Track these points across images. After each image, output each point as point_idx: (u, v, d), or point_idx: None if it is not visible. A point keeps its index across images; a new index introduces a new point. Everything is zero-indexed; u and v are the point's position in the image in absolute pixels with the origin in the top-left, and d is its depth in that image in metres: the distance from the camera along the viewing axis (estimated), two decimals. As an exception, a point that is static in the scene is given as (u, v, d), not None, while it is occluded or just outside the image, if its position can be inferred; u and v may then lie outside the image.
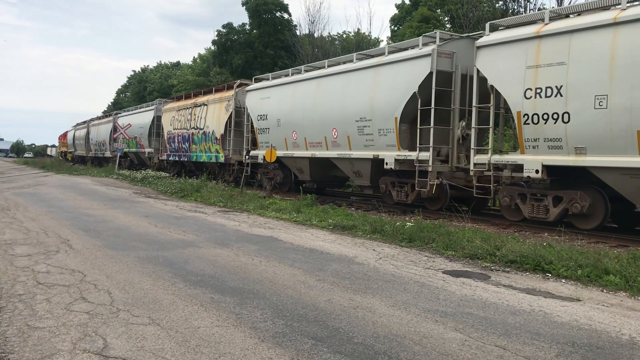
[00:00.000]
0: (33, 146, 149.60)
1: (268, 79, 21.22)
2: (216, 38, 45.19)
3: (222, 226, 11.61)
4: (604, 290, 6.65)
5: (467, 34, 15.67)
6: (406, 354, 4.28)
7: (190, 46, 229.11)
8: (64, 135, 69.00)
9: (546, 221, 11.45)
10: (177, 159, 28.41)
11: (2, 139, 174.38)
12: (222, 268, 7.28)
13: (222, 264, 7.53)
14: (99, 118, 49.52)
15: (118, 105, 76.32)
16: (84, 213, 13.03)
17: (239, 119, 22.70)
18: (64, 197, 17.36)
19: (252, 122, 21.44)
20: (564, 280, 7.12)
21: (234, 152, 22.99)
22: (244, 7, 43.43)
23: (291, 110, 18.64)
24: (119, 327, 4.72)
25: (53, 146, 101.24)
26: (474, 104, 12.67)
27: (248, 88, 22.04)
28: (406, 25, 35.99)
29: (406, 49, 14.77)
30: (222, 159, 23.66)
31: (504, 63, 11.81)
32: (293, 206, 14.54)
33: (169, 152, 29.55)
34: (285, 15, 44.21)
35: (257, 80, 22.31)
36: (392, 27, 43.01)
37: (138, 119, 35.38)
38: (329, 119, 16.66)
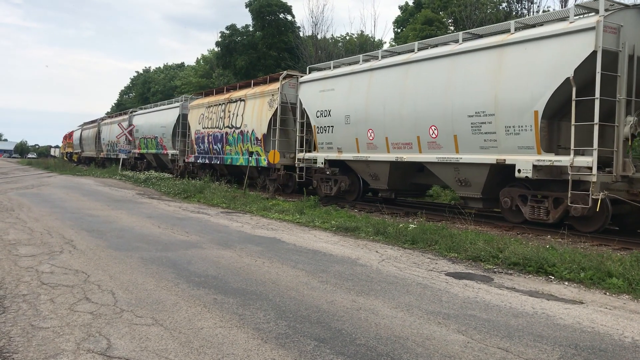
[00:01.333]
0: (36, 147, 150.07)
1: (329, 68, 17.98)
2: (219, 39, 45.28)
3: (225, 227, 11.63)
4: (607, 293, 6.64)
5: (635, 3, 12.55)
6: (409, 355, 4.29)
7: (195, 47, 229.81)
8: (69, 135, 67.06)
9: None
10: (206, 161, 25.44)
11: (5, 140, 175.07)
12: (225, 269, 7.30)
13: (225, 265, 7.55)
14: (111, 116, 46.71)
15: (121, 107, 76.51)
16: (87, 214, 13.06)
17: (285, 116, 19.92)
18: (68, 197, 17.40)
19: (307, 119, 18.48)
20: (566, 283, 7.12)
21: (285, 155, 19.95)
22: (248, 8, 43.52)
23: (366, 104, 15.52)
24: (122, 327, 4.73)
25: (56, 147, 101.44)
26: None
27: (303, 79, 18.97)
28: (409, 27, 36.02)
29: (542, 23, 11.95)
30: (264, 163, 20.36)
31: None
32: (296, 207, 14.55)
33: (197, 154, 26.62)
34: (289, 17, 44.30)
35: (313, 70, 19.33)
36: (396, 29, 43.05)
37: (159, 118, 32.42)
38: (425, 115, 13.57)
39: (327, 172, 17.78)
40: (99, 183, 25.74)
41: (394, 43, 40.88)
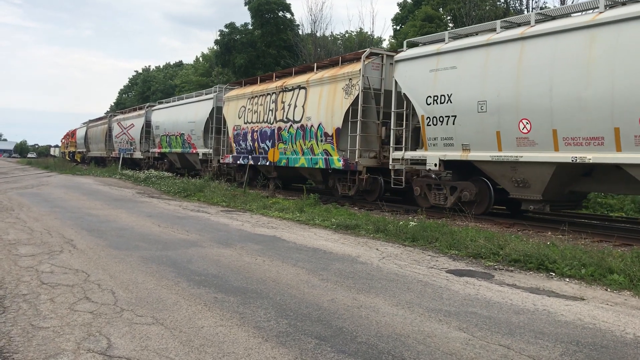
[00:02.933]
0: (36, 147, 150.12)
1: (442, 40, 13.87)
2: (219, 38, 45.26)
3: (226, 226, 11.62)
4: (608, 290, 6.63)
5: None
6: (410, 353, 4.27)
7: (195, 46, 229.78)
8: (71, 134, 62.79)
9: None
10: (250, 162, 21.52)
11: (5, 140, 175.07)
12: (225, 268, 7.29)
13: (225, 264, 7.54)
14: (123, 112, 43.12)
15: (120, 106, 76.36)
16: (87, 213, 13.05)
17: (367, 105, 15.95)
18: (68, 197, 17.39)
19: (408, 108, 14.54)
20: (567, 279, 7.11)
21: (362, 154, 15.95)
22: (247, 6, 43.49)
23: (516, 85, 11.58)
24: (122, 326, 4.72)
25: (56, 146, 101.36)
26: None
27: (401, 56, 14.92)
28: (409, 24, 35.98)
29: None
30: (338, 164, 16.43)
31: None
32: (296, 206, 14.54)
33: (236, 154, 22.94)
34: (288, 15, 44.28)
35: (413, 46, 15.15)
36: (394, 26, 43.02)
37: (187, 112, 28.20)
38: (631, 98, 9.70)
39: (439, 176, 13.96)
40: (99, 182, 25.72)
41: (393, 40, 40.86)
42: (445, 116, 13.24)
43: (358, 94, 15.78)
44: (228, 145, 24.23)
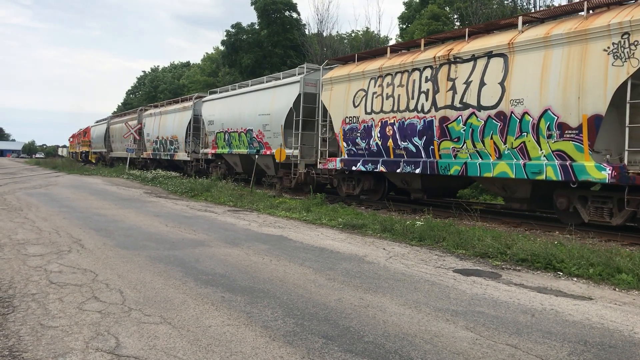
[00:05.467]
0: (44, 147, 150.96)
1: None
2: (225, 38, 45.34)
3: (232, 225, 11.65)
4: (616, 289, 6.60)
5: None
6: (417, 352, 4.27)
7: (203, 46, 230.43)
8: (83, 132, 58.16)
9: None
10: (375, 168, 15.67)
11: (13, 140, 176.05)
12: (232, 267, 7.30)
13: (232, 263, 7.56)
14: (158, 105, 36.97)
15: (128, 106, 76.58)
16: (95, 213, 13.11)
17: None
18: (76, 197, 17.48)
19: None
20: (575, 279, 7.08)
21: None
22: (253, 6, 43.56)
23: None
24: (131, 326, 4.75)
25: (64, 146, 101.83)
26: None
27: None
28: (416, 23, 35.87)
29: None
30: (598, 175, 10.27)
31: None
32: (303, 205, 14.55)
33: (347, 157, 16.83)
34: (294, 15, 44.30)
35: None
36: (401, 25, 42.93)
37: (256, 102, 22.11)
38: None
39: None
40: (107, 182, 25.83)
41: (399, 39, 40.78)
42: None
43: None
44: (334, 144, 18.06)
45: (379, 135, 15.57)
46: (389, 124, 15.22)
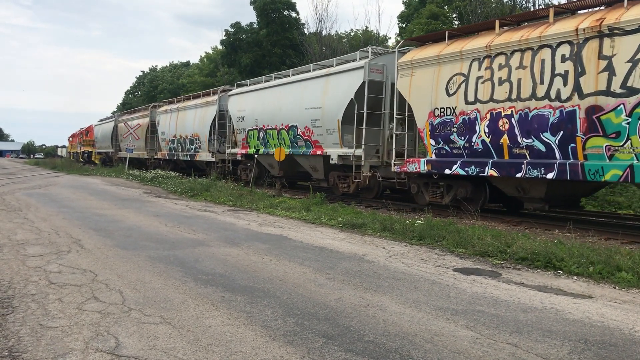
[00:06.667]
0: (44, 147, 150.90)
1: None
2: (224, 38, 45.33)
3: (232, 225, 11.64)
4: (616, 287, 6.60)
5: None
6: (417, 352, 4.27)
7: (205, 46, 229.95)
8: (85, 132, 55.28)
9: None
10: (492, 172, 12.27)
11: (13, 140, 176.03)
12: (232, 267, 7.30)
13: (232, 263, 7.55)
14: (174, 101, 33.35)
15: (127, 106, 76.46)
16: (94, 213, 13.10)
17: None
18: (75, 197, 17.46)
19: None
20: (575, 277, 7.08)
21: None
22: (252, 6, 43.57)
23: None
24: (130, 326, 4.74)
25: (63, 147, 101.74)
26: None
27: None
28: (415, 22, 35.87)
29: None
30: None
31: None
32: (302, 205, 14.54)
33: (436, 157, 13.61)
34: (293, 14, 44.35)
35: None
36: (400, 24, 42.94)
37: (300, 94, 19.00)
38: None
39: None
40: (106, 182, 25.82)
41: (399, 38, 40.78)
42: None
43: None
44: (411, 141, 15.43)
45: (486, 131, 12.39)
46: (504, 115, 12.02)
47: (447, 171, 13.23)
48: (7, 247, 8.37)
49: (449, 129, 13.23)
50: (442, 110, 13.39)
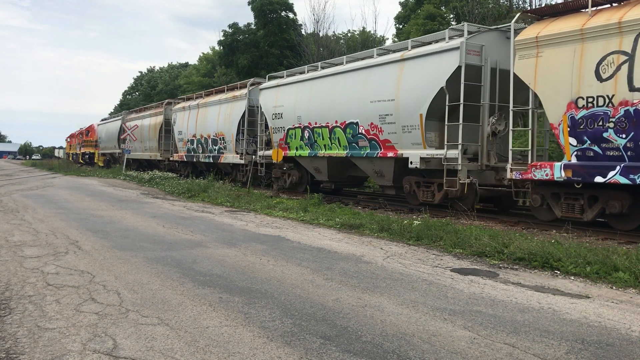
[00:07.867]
0: (41, 148, 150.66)
1: None
2: (222, 38, 45.35)
3: (230, 226, 11.63)
4: (613, 287, 6.62)
5: None
6: (415, 352, 4.28)
7: (202, 47, 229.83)
8: (86, 132, 52.36)
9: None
10: None
11: (10, 142, 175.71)
12: (230, 268, 7.30)
13: (230, 264, 7.55)
14: (194, 97, 29.71)
15: (125, 107, 76.31)
16: (92, 214, 13.09)
17: None
18: (72, 198, 17.44)
19: None
20: (572, 277, 7.09)
21: None
22: (250, 6, 43.61)
23: None
24: (128, 327, 4.74)
25: (60, 148, 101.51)
26: None
27: None
28: (411, 22, 35.92)
29: None
30: None
31: None
32: (300, 205, 14.54)
33: (579, 160, 10.54)
34: (291, 15, 44.42)
35: None
36: (397, 25, 43.00)
37: (358, 84, 16.00)
38: None
39: None
40: (103, 183, 25.79)
41: (395, 39, 40.83)
42: None
43: None
44: (543, 140, 13.26)
45: None
46: None
47: (598, 179, 10.12)
48: (5, 248, 8.36)
49: (600, 124, 10.15)
50: (590, 100, 10.29)
